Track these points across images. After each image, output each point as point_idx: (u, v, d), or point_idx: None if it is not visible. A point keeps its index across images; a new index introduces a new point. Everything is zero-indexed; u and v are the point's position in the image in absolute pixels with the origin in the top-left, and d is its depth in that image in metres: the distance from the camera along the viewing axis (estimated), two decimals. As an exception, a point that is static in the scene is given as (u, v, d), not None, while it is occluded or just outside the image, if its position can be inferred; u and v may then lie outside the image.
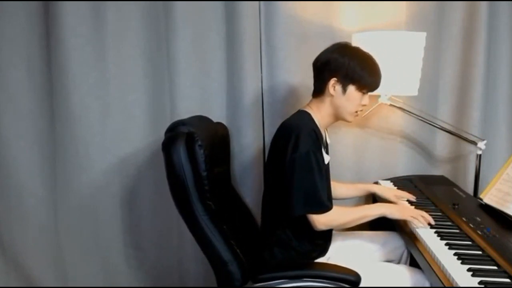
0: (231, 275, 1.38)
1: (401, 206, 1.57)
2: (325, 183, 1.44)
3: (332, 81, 1.45)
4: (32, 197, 1.97)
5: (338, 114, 1.51)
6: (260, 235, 1.59)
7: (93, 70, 1.88)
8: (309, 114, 1.50)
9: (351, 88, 1.45)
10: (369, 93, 1.51)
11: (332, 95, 1.47)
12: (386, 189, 1.78)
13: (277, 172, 1.45)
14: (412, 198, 1.72)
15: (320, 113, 1.51)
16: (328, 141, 1.63)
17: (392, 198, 1.70)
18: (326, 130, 1.61)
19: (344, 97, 1.46)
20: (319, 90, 1.50)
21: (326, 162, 1.49)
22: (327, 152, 1.57)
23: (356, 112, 1.50)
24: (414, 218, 1.45)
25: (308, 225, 1.41)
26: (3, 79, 1.88)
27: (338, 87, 1.45)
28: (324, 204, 1.40)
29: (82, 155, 1.92)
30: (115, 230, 2.03)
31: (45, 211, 1.99)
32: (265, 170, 1.55)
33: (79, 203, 1.97)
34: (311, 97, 1.54)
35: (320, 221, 1.40)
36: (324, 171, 1.44)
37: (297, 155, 1.37)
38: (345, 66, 1.43)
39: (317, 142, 1.41)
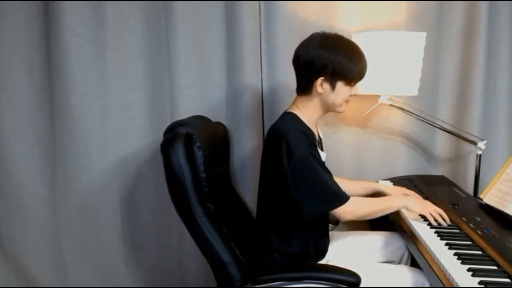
0: (230, 276, 1.37)
1: (422, 201, 1.56)
2: (332, 177, 1.41)
3: (319, 80, 1.39)
4: (32, 197, 1.96)
5: (328, 108, 1.47)
6: (259, 240, 1.56)
7: (93, 70, 1.88)
8: (295, 115, 1.45)
9: (340, 84, 1.40)
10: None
11: (320, 93, 1.42)
12: (394, 188, 1.77)
13: (274, 181, 1.42)
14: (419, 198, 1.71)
15: (307, 111, 1.46)
16: (321, 135, 1.61)
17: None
18: (317, 125, 1.57)
19: (334, 93, 1.41)
20: (304, 89, 1.44)
21: (323, 160, 1.46)
22: (321, 149, 1.55)
23: (346, 101, 1.45)
24: (432, 216, 1.45)
25: (307, 229, 1.39)
26: (3, 79, 1.87)
27: (326, 85, 1.40)
28: (342, 195, 1.38)
29: (82, 155, 1.92)
30: (115, 230, 2.02)
31: (45, 211, 1.99)
32: (260, 177, 1.53)
33: (79, 203, 1.97)
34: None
35: (346, 210, 1.37)
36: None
37: (295, 160, 1.33)
38: (332, 62, 1.36)
39: (309, 141, 1.37)
